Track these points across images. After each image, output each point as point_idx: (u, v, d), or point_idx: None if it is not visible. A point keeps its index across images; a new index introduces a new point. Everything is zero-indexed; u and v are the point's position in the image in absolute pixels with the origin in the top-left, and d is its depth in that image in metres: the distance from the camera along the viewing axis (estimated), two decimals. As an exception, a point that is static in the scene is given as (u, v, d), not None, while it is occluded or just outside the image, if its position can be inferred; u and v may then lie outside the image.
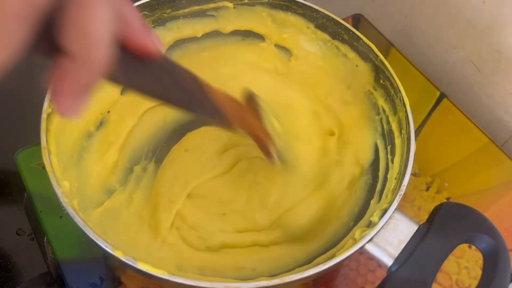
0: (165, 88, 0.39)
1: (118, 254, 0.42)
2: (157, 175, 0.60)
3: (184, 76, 0.41)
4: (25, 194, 0.62)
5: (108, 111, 0.60)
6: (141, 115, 0.62)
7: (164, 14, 0.62)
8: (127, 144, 0.60)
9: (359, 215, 0.55)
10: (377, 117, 0.60)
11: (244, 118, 0.49)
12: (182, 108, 0.42)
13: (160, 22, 0.63)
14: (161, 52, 0.35)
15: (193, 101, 0.42)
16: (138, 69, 0.35)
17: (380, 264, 0.45)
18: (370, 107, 0.61)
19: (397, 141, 0.55)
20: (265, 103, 0.51)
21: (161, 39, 0.63)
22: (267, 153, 0.52)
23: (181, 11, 0.63)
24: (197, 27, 0.65)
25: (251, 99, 0.51)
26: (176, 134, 0.64)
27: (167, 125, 0.64)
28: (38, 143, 0.47)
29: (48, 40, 0.29)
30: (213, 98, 0.44)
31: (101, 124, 0.59)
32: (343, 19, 0.60)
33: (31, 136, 0.56)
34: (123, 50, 0.33)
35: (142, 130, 0.62)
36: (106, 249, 0.42)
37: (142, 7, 0.60)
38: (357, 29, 0.59)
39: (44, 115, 0.49)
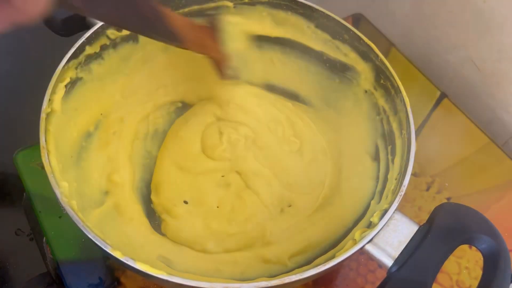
0: (122, 15, 0.42)
1: (117, 254, 0.42)
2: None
3: (142, 4, 0.43)
4: (24, 194, 0.62)
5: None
6: (141, 117, 0.62)
7: (164, 14, 0.62)
8: (127, 145, 0.60)
9: (359, 216, 0.55)
10: (377, 117, 0.60)
11: (201, 40, 0.54)
12: (140, 33, 0.48)
13: (159, 21, 0.62)
14: None
15: (150, 27, 0.46)
16: None
17: (380, 265, 0.45)
18: (371, 107, 0.61)
19: (398, 142, 0.55)
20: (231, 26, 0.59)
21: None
22: (220, 71, 0.60)
23: (181, 11, 0.63)
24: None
25: (214, 24, 0.57)
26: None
27: (166, 127, 0.65)
28: (37, 143, 0.47)
29: None
30: (171, 25, 0.47)
31: (100, 124, 0.59)
32: (344, 19, 0.60)
33: (30, 136, 0.56)
34: None
35: (141, 131, 0.62)
36: (105, 249, 0.42)
37: (142, 6, 0.60)
38: (357, 28, 0.59)
39: (43, 115, 0.49)
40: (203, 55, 0.57)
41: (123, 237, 0.52)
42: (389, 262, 0.44)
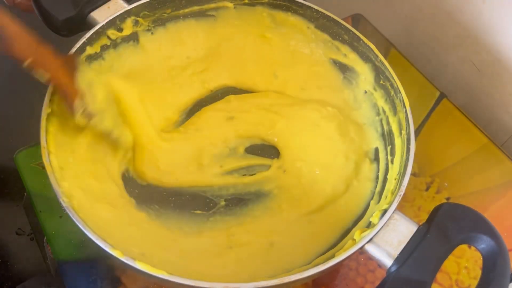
0: None
1: (117, 253, 0.42)
2: None
3: None
4: (25, 194, 0.62)
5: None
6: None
7: (164, 14, 0.62)
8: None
9: (359, 216, 0.55)
10: (377, 117, 0.60)
11: (42, 57, 0.49)
12: None
13: (160, 22, 0.63)
14: None
15: None
16: None
17: (379, 264, 0.45)
18: (370, 108, 0.61)
19: (397, 142, 0.55)
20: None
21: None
22: (69, 106, 0.51)
23: (181, 11, 0.63)
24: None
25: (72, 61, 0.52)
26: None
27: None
28: (38, 143, 0.47)
29: None
30: None
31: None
32: (343, 19, 0.60)
33: (31, 136, 0.56)
34: None
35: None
36: (106, 248, 0.42)
37: (142, 7, 0.60)
38: (357, 29, 0.59)
39: (44, 115, 0.49)
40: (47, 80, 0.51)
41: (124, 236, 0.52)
42: (388, 261, 0.44)
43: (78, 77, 0.51)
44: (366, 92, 0.61)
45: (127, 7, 0.59)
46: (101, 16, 0.58)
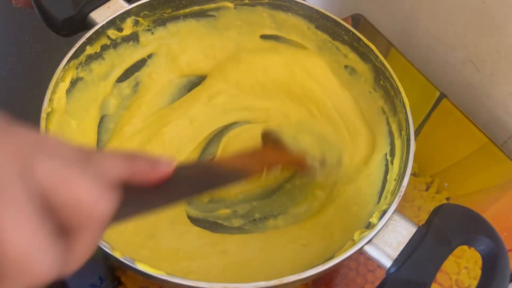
0: (183, 190, 0.37)
1: (116, 254, 0.42)
2: None
3: (193, 172, 0.39)
4: (25, 193, 0.62)
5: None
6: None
7: (165, 14, 0.62)
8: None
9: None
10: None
11: (264, 159, 0.48)
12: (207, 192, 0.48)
13: (160, 22, 0.63)
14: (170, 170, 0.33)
15: (214, 183, 0.41)
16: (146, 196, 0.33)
17: (379, 265, 0.45)
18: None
19: (397, 142, 0.55)
20: (284, 128, 0.52)
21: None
22: (306, 172, 0.52)
23: (181, 11, 0.63)
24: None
25: (268, 136, 0.52)
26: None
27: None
28: (37, 143, 0.47)
29: None
30: (230, 168, 0.42)
31: (101, 123, 0.59)
32: (343, 19, 0.60)
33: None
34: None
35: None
36: (105, 249, 0.42)
37: (142, 7, 0.60)
38: (356, 29, 0.59)
39: (43, 115, 0.49)
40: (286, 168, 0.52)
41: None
42: (388, 262, 0.44)
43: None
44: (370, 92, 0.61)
45: (127, 7, 0.59)
46: (101, 16, 0.58)
